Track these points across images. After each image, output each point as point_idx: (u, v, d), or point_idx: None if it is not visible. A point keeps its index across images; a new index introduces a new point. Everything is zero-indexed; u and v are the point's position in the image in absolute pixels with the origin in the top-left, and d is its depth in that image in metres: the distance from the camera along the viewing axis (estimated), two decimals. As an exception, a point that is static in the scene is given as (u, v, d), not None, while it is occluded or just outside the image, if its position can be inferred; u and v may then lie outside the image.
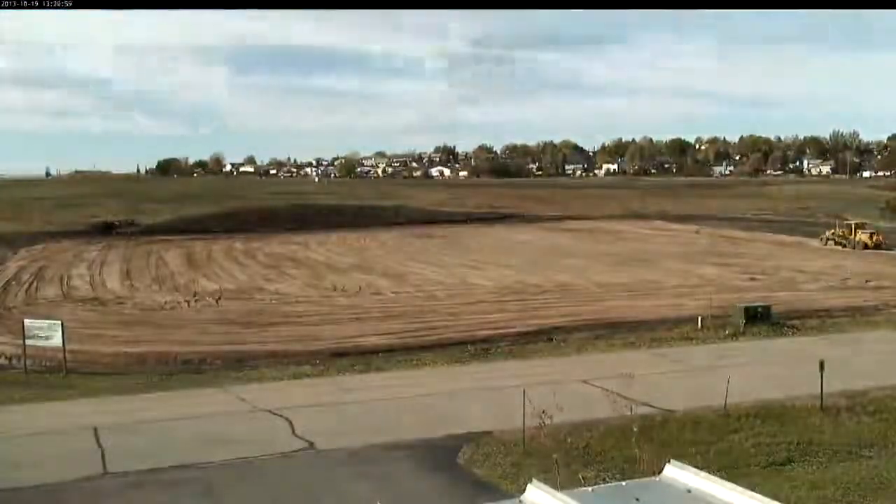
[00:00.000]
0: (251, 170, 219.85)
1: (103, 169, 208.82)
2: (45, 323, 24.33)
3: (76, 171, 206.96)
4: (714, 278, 40.02)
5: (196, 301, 35.27)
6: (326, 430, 16.87)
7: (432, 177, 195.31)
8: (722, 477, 4.44)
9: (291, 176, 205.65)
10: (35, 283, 41.44)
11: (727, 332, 26.65)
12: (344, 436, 16.49)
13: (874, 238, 53.42)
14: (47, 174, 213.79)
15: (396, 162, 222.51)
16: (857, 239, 53.57)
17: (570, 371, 21.76)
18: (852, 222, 57.24)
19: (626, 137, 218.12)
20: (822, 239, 55.95)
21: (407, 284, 39.55)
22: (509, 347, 25.65)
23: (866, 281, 38.60)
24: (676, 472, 4.68)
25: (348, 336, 27.41)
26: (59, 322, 23.81)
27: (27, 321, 24.29)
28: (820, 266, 44.20)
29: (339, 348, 25.52)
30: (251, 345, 26.37)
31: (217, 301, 35.20)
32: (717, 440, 15.35)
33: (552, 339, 26.57)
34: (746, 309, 27.67)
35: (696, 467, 4.58)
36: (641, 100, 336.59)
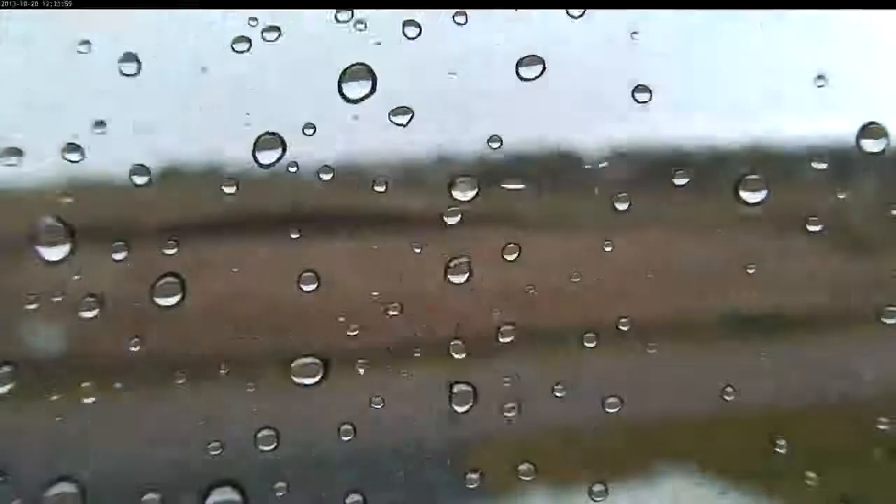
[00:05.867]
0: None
1: (99, 168, 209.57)
2: (44, 322, 24.30)
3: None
4: (713, 282, 40.04)
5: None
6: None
7: (430, 179, 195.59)
8: (720, 476, 4.43)
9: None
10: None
11: (730, 335, 26.62)
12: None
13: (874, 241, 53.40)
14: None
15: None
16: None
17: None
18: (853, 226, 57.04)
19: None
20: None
21: (403, 286, 39.62)
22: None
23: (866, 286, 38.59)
24: (675, 472, 4.68)
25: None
26: (58, 322, 23.81)
27: (26, 320, 24.28)
28: (819, 270, 44.20)
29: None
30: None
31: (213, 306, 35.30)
32: (718, 443, 15.40)
33: (549, 344, 26.66)
34: (748, 314, 27.69)
35: (694, 467, 4.57)
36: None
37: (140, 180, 1.58)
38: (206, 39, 1.55)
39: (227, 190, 1.60)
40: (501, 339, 1.87)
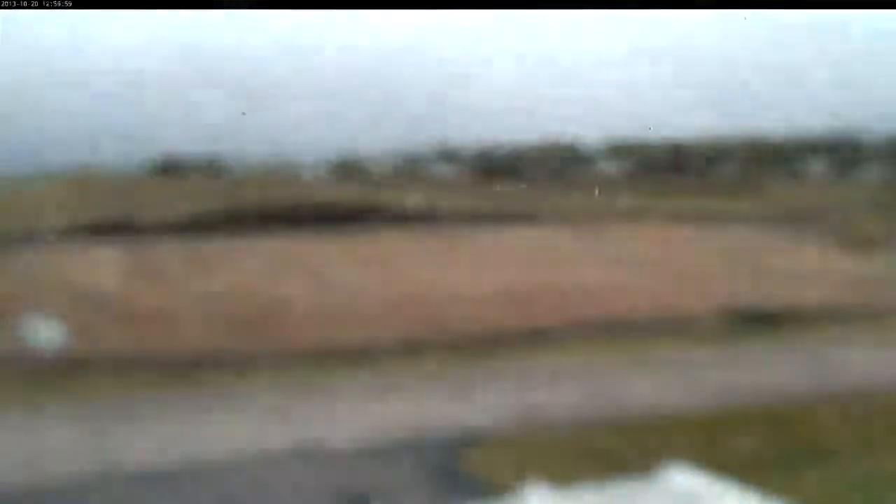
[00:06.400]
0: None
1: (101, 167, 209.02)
2: (43, 320, 24.27)
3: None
4: (714, 279, 39.93)
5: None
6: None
7: (431, 175, 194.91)
8: (719, 475, 4.44)
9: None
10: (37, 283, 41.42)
11: (731, 331, 26.65)
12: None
13: (874, 238, 53.44)
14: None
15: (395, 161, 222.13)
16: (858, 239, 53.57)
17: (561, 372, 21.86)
18: (853, 222, 57.15)
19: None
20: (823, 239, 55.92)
21: (402, 287, 39.53)
22: (510, 349, 25.71)
23: (867, 283, 38.56)
24: (673, 471, 4.70)
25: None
26: (59, 320, 23.77)
27: (25, 319, 24.24)
28: (820, 267, 44.14)
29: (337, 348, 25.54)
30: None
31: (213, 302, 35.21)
32: (719, 440, 15.39)
33: (549, 341, 26.62)
34: (749, 310, 27.81)
35: (693, 466, 4.59)
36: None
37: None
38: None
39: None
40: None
